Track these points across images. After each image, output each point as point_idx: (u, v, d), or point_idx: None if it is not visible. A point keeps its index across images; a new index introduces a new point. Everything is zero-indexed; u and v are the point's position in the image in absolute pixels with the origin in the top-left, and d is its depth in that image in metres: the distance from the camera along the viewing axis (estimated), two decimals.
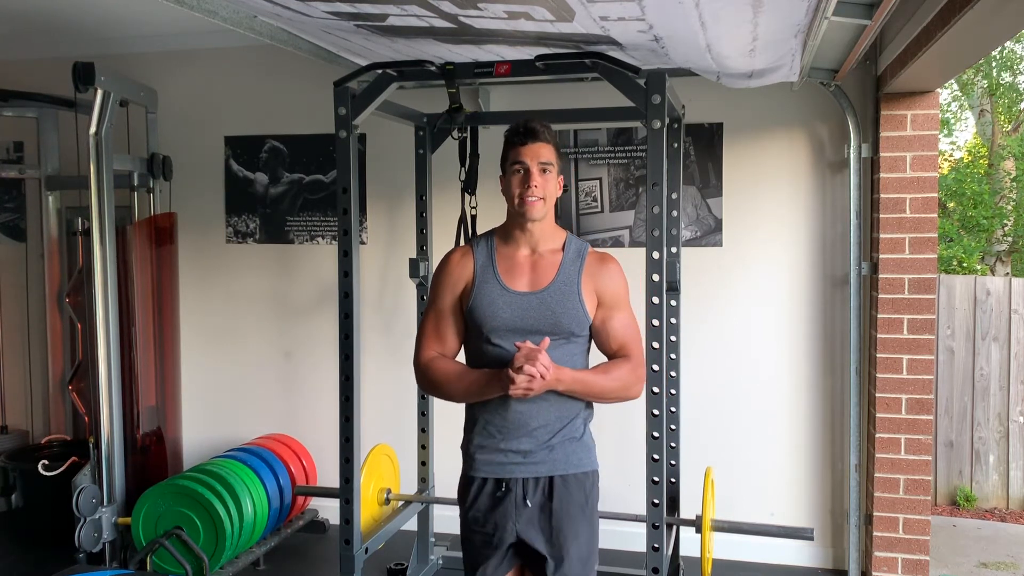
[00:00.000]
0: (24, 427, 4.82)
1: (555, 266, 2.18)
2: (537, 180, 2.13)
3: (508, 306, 2.15)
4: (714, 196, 3.94)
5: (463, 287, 2.21)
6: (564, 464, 2.17)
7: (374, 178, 4.29)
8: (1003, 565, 4.08)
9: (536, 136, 2.16)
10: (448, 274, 2.24)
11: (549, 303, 2.14)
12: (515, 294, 2.16)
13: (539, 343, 2.07)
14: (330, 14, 2.47)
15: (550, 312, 2.14)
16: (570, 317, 2.15)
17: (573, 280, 2.16)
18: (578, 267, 2.18)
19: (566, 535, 2.14)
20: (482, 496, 2.20)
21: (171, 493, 3.51)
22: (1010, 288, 4.93)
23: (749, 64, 2.97)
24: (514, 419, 2.15)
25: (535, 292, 2.16)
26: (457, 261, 2.24)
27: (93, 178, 3.65)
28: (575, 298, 2.15)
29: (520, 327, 2.14)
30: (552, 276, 2.16)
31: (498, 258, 2.21)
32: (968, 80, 9.32)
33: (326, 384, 4.30)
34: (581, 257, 2.20)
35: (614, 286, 2.20)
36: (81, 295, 4.06)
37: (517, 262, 2.20)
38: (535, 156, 2.15)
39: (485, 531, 2.19)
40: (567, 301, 2.15)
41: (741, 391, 3.96)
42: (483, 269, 2.20)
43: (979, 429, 4.96)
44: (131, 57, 4.45)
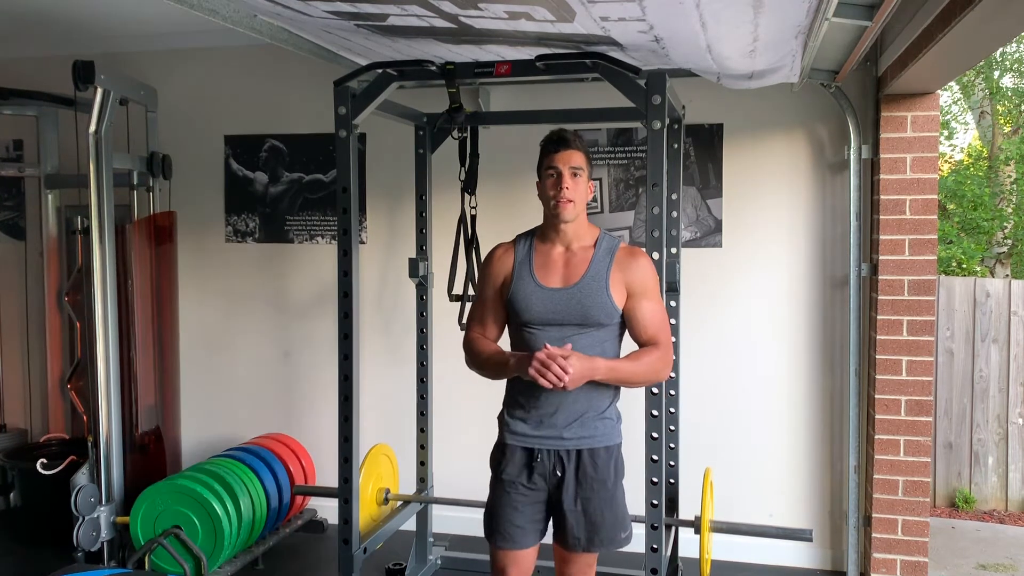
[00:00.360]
0: (23, 426, 4.82)
1: (586, 262, 2.36)
2: (568, 183, 2.32)
3: (541, 301, 2.35)
4: (714, 197, 3.94)
5: (502, 280, 2.44)
6: (591, 439, 2.35)
7: (374, 178, 4.29)
8: (1002, 567, 4.08)
9: (568, 144, 2.35)
10: (490, 268, 2.48)
11: (579, 297, 2.33)
12: (548, 290, 2.36)
13: (565, 343, 2.27)
14: (330, 13, 2.47)
15: (580, 305, 2.33)
16: (598, 309, 2.33)
17: (602, 275, 2.34)
18: (608, 262, 2.36)
19: (598, 505, 2.35)
20: (514, 461, 2.39)
21: (170, 492, 3.50)
22: (1010, 290, 4.93)
23: (749, 65, 2.97)
24: (545, 400, 2.34)
25: (566, 288, 2.35)
26: (499, 257, 2.47)
27: (93, 177, 3.65)
28: (603, 292, 2.33)
29: (552, 319, 2.34)
30: (583, 272, 2.35)
31: (535, 255, 2.42)
32: (968, 82, 9.32)
33: (325, 384, 4.30)
34: (611, 253, 2.38)
35: (642, 276, 2.37)
36: (80, 294, 4.06)
37: (552, 259, 2.40)
38: (566, 162, 2.33)
39: (517, 484, 2.38)
40: (596, 295, 2.33)
41: (740, 392, 3.96)
42: (520, 265, 2.41)
43: (978, 431, 4.95)
44: (131, 56, 4.45)
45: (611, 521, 2.38)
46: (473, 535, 2.78)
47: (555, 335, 2.33)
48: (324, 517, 4.31)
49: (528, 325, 2.37)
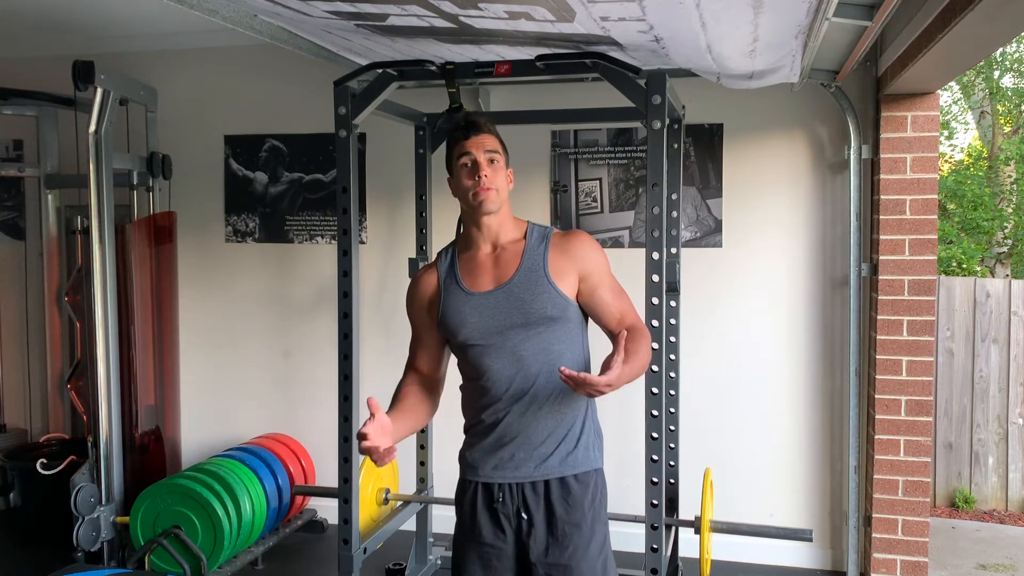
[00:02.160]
0: (23, 426, 4.82)
1: (518, 255, 2.04)
2: (487, 170, 2.03)
3: (474, 310, 2.03)
4: (714, 197, 3.94)
5: (428, 302, 2.12)
6: (561, 466, 2.02)
7: (374, 178, 4.29)
8: (1002, 567, 4.08)
9: (479, 128, 2.05)
10: (413, 297, 2.16)
11: (515, 293, 2.00)
12: (479, 295, 2.04)
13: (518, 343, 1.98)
14: (330, 13, 2.46)
15: (519, 302, 2.00)
16: (541, 301, 1.99)
17: (538, 264, 2.02)
18: (543, 250, 2.04)
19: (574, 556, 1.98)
20: (474, 503, 2.05)
21: (169, 492, 3.50)
22: (1010, 290, 4.92)
23: (750, 65, 2.97)
24: (499, 418, 2.02)
25: (500, 287, 2.02)
26: (419, 281, 2.15)
27: (92, 177, 3.65)
28: (543, 281, 2.00)
29: (491, 327, 2.01)
30: (516, 266, 2.03)
31: (459, 264, 2.10)
32: (968, 82, 9.32)
33: (325, 384, 4.29)
34: (546, 239, 2.07)
35: (586, 255, 2.05)
36: (80, 294, 4.06)
37: (479, 262, 2.07)
38: (480, 146, 2.04)
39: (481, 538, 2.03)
40: (535, 286, 2.00)
41: (740, 392, 3.96)
42: (446, 280, 2.09)
43: (978, 431, 4.95)
44: (131, 56, 4.45)
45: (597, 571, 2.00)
46: None
47: (499, 346, 1.99)
48: (324, 517, 4.31)
49: (468, 344, 2.02)
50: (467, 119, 2.08)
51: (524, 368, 1.99)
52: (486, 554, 2.03)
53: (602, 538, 2.06)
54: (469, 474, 2.08)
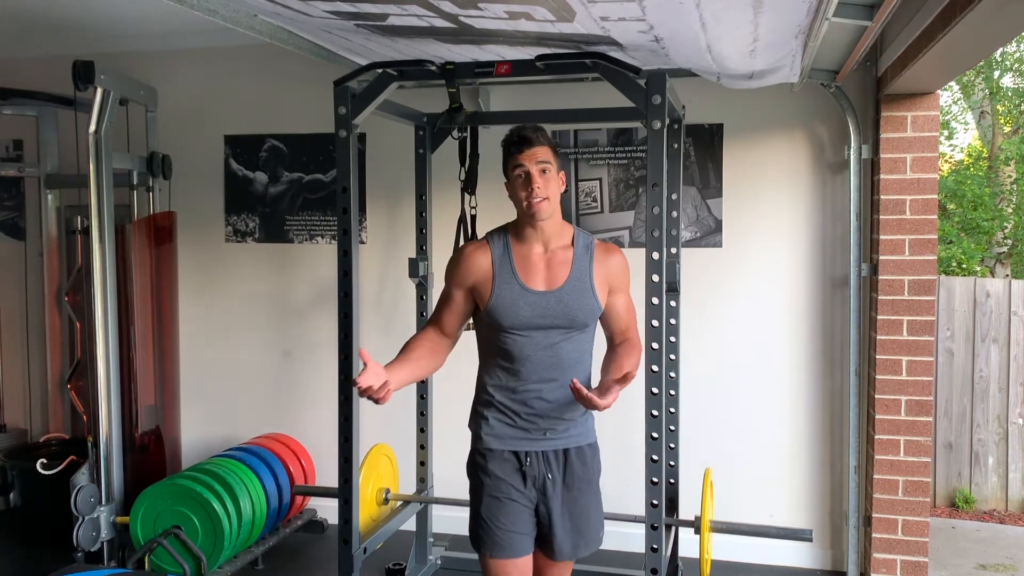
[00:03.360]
0: (23, 425, 4.82)
1: (568, 263, 2.30)
2: (539, 181, 2.24)
3: (528, 305, 2.26)
4: (714, 197, 3.94)
5: (474, 281, 2.31)
6: (577, 437, 2.35)
7: (374, 178, 4.29)
8: (1002, 567, 4.08)
9: (531, 142, 2.25)
10: (461, 267, 2.34)
11: (566, 300, 2.27)
12: (534, 293, 2.27)
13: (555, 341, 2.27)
14: (330, 13, 2.47)
15: (567, 308, 2.27)
16: (585, 311, 2.28)
17: (586, 275, 2.29)
18: (588, 260, 2.31)
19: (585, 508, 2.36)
20: (502, 466, 2.31)
21: (169, 492, 3.50)
22: (1010, 290, 4.92)
23: (749, 65, 2.97)
24: (527, 400, 2.30)
25: (552, 291, 2.27)
26: (471, 255, 2.34)
27: (92, 177, 3.65)
28: (589, 293, 2.29)
29: (539, 324, 2.27)
30: (567, 273, 2.29)
31: (514, 256, 2.31)
32: (968, 82, 9.32)
33: (325, 383, 4.29)
34: (590, 251, 2.33)
35: (620, 272, 2.36)
36: (80, 294, 4.06)
37: (532, 260, 2.30)
38: (532, 158, 2.25)
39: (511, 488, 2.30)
40: (583, 297, 2.28)
41: (740, 392, 3.96)
42: (500, 267, 2.30)
43: (978, 431, 4.95)
44: (131, 56, 4.45)
45: (595, 524, 2.41)
46: None
47: (540, 340, 2.26)
48: (324, 517, 4.31)
49: (511, 330, 2.26)
50: (521, 133, 2.27)
51: (558, 362, 2.29)
52: (517, 503, 2.30)
53: (600, 496, 2.44)
54: (494, 443, 2.33)
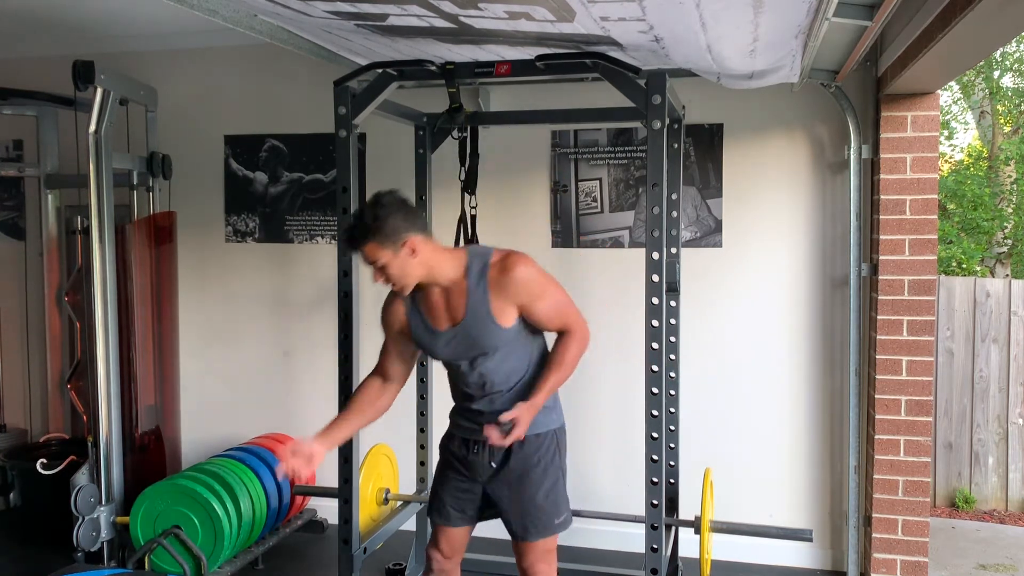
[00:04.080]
0: (23, 425, 4.82)
1: (463, 295, 2.38)
2: (379, 277, 2.36)
3: (441, 344, 2.46)
4: (714, 197, 3.94)
5: (399, 328, 2.53)
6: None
7: (374, 178, 4.28)
8: (1002, 567, 4.08)
9: (354, 244, 2.33)
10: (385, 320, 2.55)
11: (468, 332, 2.40)
12: (441, 333, 2.44)
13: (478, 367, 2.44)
14: (330, 13, 2.47)
15: (471, 339, 2.40)
16: (489, 338, 2.39)
17: (482, 305, 2.37)
18: (483, 289, 2.36)
19: (530, 493, 2.48)
20: (455, 449, 2.59)
21: (169, 492, 3.50)
22: (1010, 290, 4.92)
23: (749, 65, 2.97)
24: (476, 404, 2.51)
25: (455, 327, 2.41)
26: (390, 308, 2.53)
27: (92, 177, 3.65)
28: (488, 321, 2.37)
29: (456, 357, 2.46)
30: (463, 308, 2.39)
31: (420, 303, 2.47)
32: (968, 82, 9.32)
33: (325, 383, 4.29)
34: (484, 277, 2.36)
35: (522, 288, 2.36)
36: (80, 294, 4.06)
37: (433, 302, 2.44)
38: (364, 260, 2.35)
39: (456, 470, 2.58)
40: (482, 327, 2.38)
41: (740, 392, 3.96)
42: (412, 315, 2.49)
43: (978, 431, 4.95)
44: (131, 56, 4.44)
45: (547, 509, 2.49)
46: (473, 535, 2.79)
47: (467, 366, 2.46)
48: (324, 517, 4.31)
49: (445, 363, 2.54)
50: (348, 233, 2.35)
51: (490, 378, 2.45)
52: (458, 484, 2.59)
53: (555, 480, 2.51)
54: (455, 430, 2.61)
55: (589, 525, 3.99)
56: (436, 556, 2.66)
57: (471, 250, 2.44)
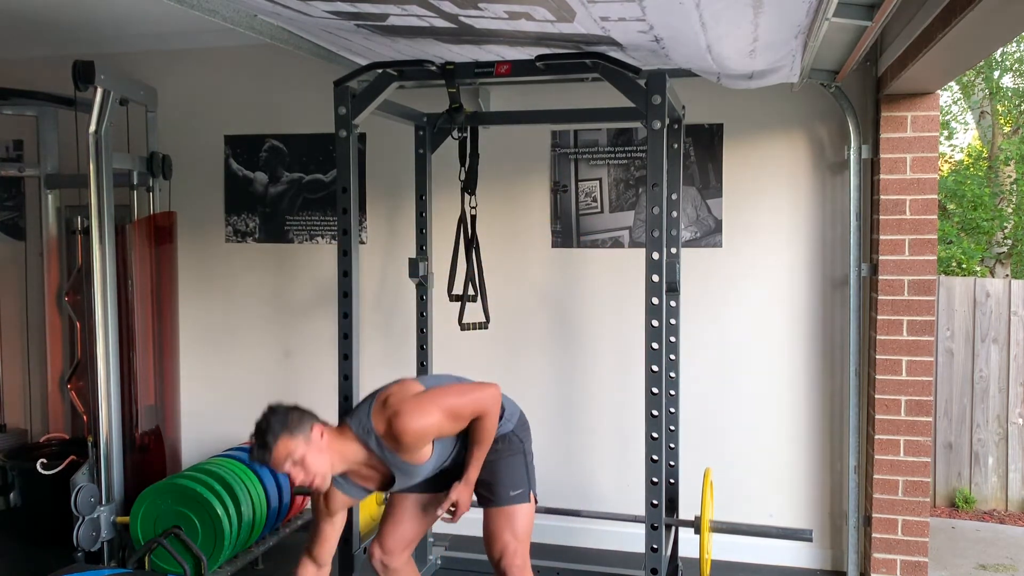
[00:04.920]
0: (23, 426, 4.82)
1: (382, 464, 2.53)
2: (299, 476, 2.40)
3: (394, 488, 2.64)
4: (714, 197, 3.94)
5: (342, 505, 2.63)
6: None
7: (374, 178, 4.29)
8: (1002, 567, 4.08)
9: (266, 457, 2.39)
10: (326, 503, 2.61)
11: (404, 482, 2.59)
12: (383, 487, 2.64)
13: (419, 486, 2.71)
14: (330, 13, 2.47)
15: (410, 480, 2.61)
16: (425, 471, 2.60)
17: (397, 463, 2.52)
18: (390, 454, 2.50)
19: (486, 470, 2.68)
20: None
21: (170, 492, 3.50)
22: (1010, 290, 4.92)
23: (749, 65, 2.97)
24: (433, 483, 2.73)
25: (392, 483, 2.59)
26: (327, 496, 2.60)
27: (93, 177, 3.64)
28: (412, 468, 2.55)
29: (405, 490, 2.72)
30: (387, 469, 2.54)
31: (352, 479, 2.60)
32: (968, 82, 9.32)
33: (325, 384, 4.28)
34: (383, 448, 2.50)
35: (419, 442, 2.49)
36: (80, 294, 4.06)
37: (364, 475, 2.60)
38: (278, 465, 2.40)
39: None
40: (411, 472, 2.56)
41: (740, 392, 3.96)
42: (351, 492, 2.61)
43: (978, 431, 4.95)
44: (131, 56, 4.45)
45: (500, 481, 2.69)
46: (473, 535, 2.79)
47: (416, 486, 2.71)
48: None
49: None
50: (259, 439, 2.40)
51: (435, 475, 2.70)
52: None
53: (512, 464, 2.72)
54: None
55: (589, 525, 4.00)
56: (376, 553, 2.81)
57: (354, 426, 2.53)
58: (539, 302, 4.14)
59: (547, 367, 4.16)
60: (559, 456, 4.08)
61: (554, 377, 4.12)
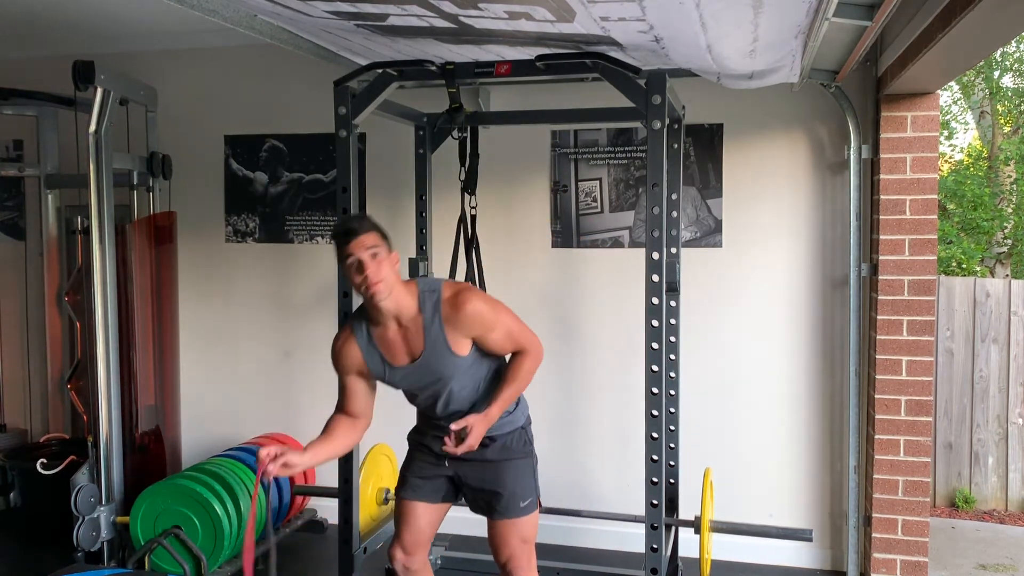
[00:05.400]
0: (23, 426, 4.82)
1: (420, 331, 2.45)
2: (370, 266, 2.34)
3: (400, 378, 2.53)
4: (714, 197, 3.94)
5: (357, 368, 2.55)
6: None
7: (374, 178, 4.28)
8: (1002, 567, 4.08)
9: (356, 232, 2.37)
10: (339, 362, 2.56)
11: (429, 366, 2.47)
12: (400, 369, 2.50)
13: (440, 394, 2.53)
14: (330, 13, 2.47)
15: (431, 372, 2.48)
16: (449, 368, 2.48)
17: (439, 340, 2.45)
18: (438, 324, 2.44)
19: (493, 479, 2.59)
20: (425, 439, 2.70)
21: (170, 492, 3.50)
22: (1009, 290, 4.93)
23: (749, 65, 2.97)
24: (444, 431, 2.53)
25: (415, 362, 2.48)
26: (343, 349, 2.54)
27: (93, 177, 3.64)
28: (447, 353, 2.45)
29: (416, 388, 2.55)
30: (421, 342, 2.45)
31: (376, 340, 2.50)
32: (968, 82, 9.32)
33: (325, 383, 4.27)
34: (438, 312, 2.44)
35: (475, 321, 2.44)
36: (80, 294, 4.06)
37: (390, 339, 2.48)
38: (361, 246, 2.35)
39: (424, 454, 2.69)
40: (442, 359, 2.46)
41: (740, 392, 3.96)
42: (368, 353, 2.52)
43: (978, 431, 4.95)
44: (131, 56, 4.45)
45: (510, 492, 2.58)
46: (473, 535, 2.79)
47: (427, 395, 2.54)
48: (324, 517, 4.31)
49: (405, 393, 2.62)
50: (345, 226, 2.39)
51: (449, 402, 2.55)
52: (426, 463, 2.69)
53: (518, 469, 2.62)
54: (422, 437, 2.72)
55: (589, 525, 4.00)
56: (398, 555, 2.69)
57: (421, 284, 2.50)
58: (539, 302, 4.13)
59: (547, 367, 4.10)
60: (559, 456, 4.08)
61: (554, 377, 4.12)
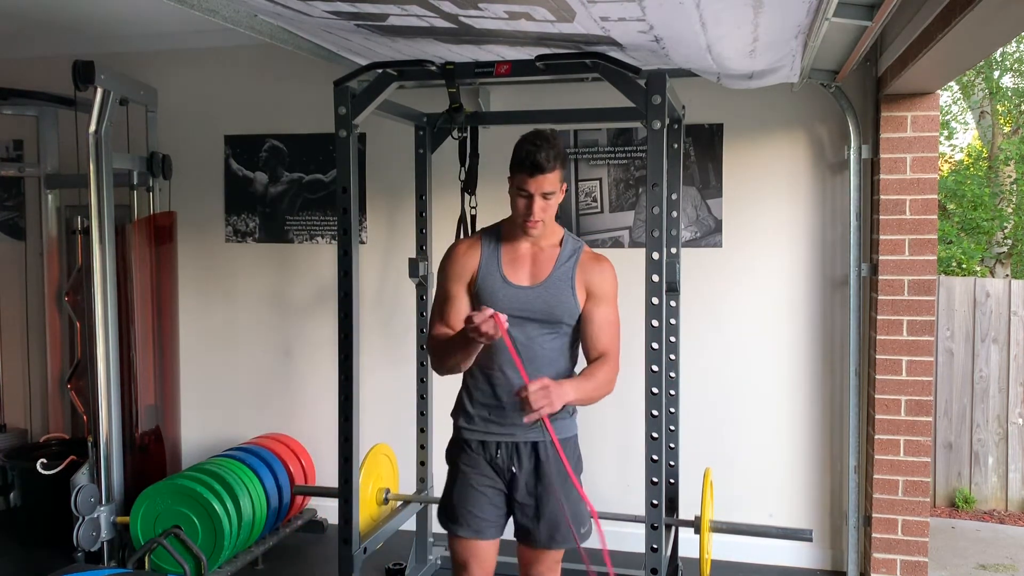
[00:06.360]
0: (23, 426, 4.82)
1: (552, 260, 2.37)
2: (539, 206, 2.27)
3: (507, 298, 2.33)
4: (714, 197, 3.94)
5: (470, 276, 2.39)
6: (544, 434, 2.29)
7: (374, 178, 4.29)
8: (1002, 567, 4.08)
9: (543, 170, 2.23)
10: (453, 264, 2.42)
11: (545, 296, 2.34)
12: (515, 287, 2.35)
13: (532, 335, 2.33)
14: (330, 13, 2.47)
15: (545, 304, 2.34)
16: (563, 308, 2.34)
17: (568, 275, 2.35)
18: (573, 263, 2.37)
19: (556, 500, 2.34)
20: (472, 452, 2.41)
21: (170, 492, 3.50)
22: (1010, 290, 4.93)
23: (749, 65, 2.97)
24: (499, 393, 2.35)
25: (534, 286, 2.35)
26: (463, 252, 2.42)
27: (93, 177, 3.64)
28: (569, 291, 2.35)
29: (517, 315, 2.30)
30: (549, 270, 2.36)
31: (503, 251, 2.39)
32: (968, 82, 9.32)
33: (325, 383, 4.29)
34: (576, 254, 2.38)
35: (602, 282, 2.37)
36: (80, 294, 4.06)
37: (519, 255, 2.38)
38: (539, 187, 2.25)
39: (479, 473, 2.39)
40: (561, 294, 2.34)
41: (740, 392, 3.96)
42: (488, 262, 2.38)
43: (978, 431, 4.95)
44: (131, 56, 4.45)
45: (573, 517, 2.36)
46: None
47: (517, 333, 2.28)
48: (324, 517, 4.31)
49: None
50: (534, 159, 2.22)
51: (533, 356, 2.33)
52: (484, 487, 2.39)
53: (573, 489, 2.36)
54: (467, 433, 2.42)
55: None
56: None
57: (567, 231, 2.44)
58: None
59: None
60: None
61: None
